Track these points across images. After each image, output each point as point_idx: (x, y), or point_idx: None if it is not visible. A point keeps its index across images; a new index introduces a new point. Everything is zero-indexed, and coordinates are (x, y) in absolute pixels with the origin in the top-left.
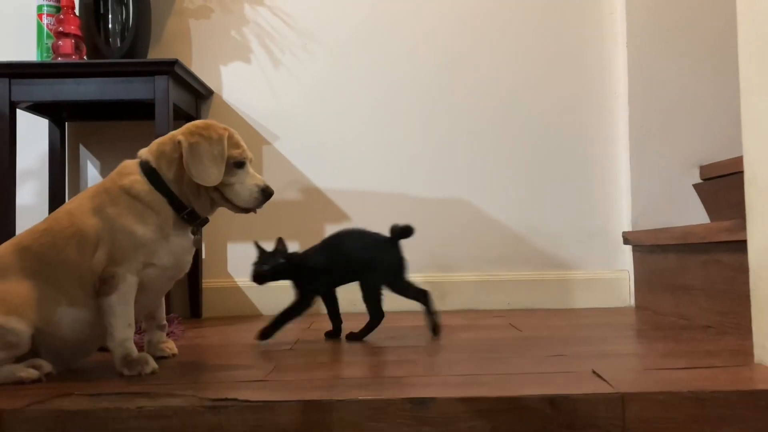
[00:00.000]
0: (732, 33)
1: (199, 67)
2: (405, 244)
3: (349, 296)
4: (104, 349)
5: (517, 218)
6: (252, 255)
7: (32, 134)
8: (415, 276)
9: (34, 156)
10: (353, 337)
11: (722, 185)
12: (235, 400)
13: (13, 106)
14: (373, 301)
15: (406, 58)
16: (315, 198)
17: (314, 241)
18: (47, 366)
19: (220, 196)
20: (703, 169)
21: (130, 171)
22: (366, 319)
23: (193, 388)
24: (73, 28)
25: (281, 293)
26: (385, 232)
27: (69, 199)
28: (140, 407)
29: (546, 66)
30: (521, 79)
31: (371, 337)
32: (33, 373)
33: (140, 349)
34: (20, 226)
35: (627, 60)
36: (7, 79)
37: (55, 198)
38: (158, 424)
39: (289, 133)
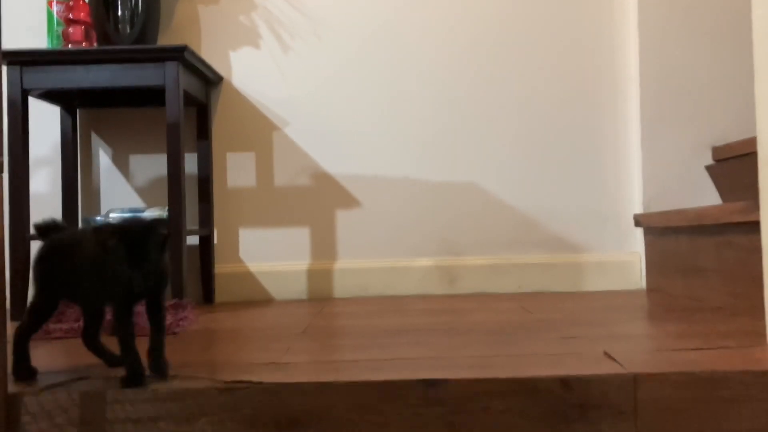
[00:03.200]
0: (746, 12)
1: (208, 53)
2: (417, 228)
3: (362, 282)
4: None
5: (528, 202)
6: (265, 240)
7: (44, 122)
8: (426, 260)
9: (46, 143)
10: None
11: (735, 166)
12: (249, 382)
13: (24, 94)
14: None
15: (417, 43)
16: (326, 184)
17: (326, 227)
18: None
19: None
20: (715, 150)
21: None
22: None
23: (207, 370)
24: (83, 15)
25: (293, 278)
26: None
27: (82, 185)
28: (155, 389)
29: (557, 49)
30: (532, 63)
31: (382, 321)
32: None
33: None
34: (34, 213)
35: (639, 41)
36: (18, 67)
37: (69, 185)
38: (173, 407)
39: (299, 118)
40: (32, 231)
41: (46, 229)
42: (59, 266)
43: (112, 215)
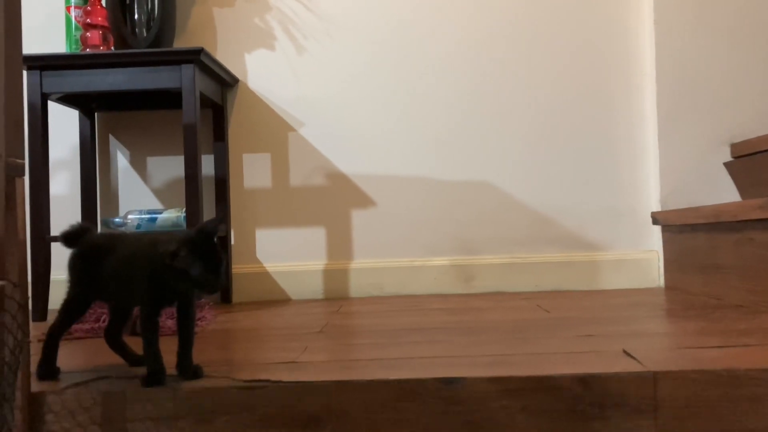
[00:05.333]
0: (764, 4)
1: (223, 56)
2: (432, 227)
3: (378, 281)
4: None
5: (543, 199)
6: (281, 241)
7: (63, 125)
8: (441, 259)
9: (65, 146)
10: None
11: (755, 163)
12: (268, 381)
13: (44, 98)
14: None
15: (430, 43)
16: (340, 183)
17: (341, 226)
18: None
19: None
20: (734, 147)
21: None
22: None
23: (226, 370)
24: (100, 20)
25: (309, 277)
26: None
27: (100, 187)
28: (175, 388)
29: (571, 45)
30: (546, 60)
31: (399, 320)
32: None
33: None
34: (54, 216)
35: (654, 36)
36: (38, 72)
37: (88, 187)
38: (192, 405)
39: (314, 119)
40: (60, 237)
41: (75, 235)
42: (95, 266)
43: (130, 216)
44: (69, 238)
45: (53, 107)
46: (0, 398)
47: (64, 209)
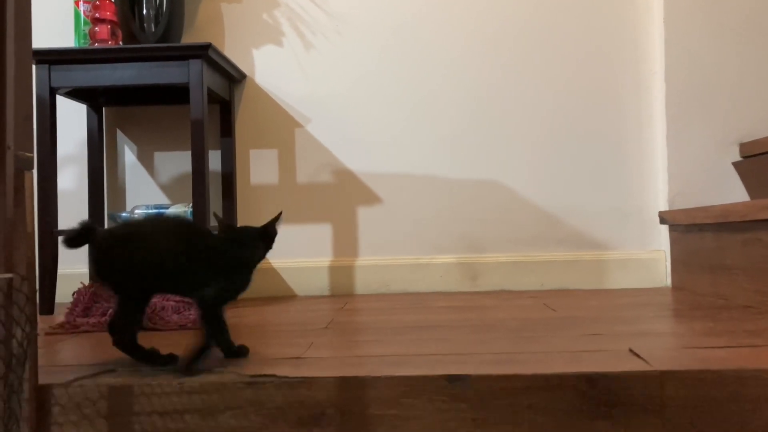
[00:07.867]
0: None
1: (231, 51)
2: (439, 225)
3: (384, 278)
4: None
5: (551, 198)
6: (287, 237)
7: (71, 120)
8: (448, 257)
9: (73, 141)
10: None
11: (764, 163)
12: (274, 376)
13: (52, 92)
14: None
15: (440, 41)
16: (347, 180)
17: (348, 223)
18: None
19: None
20: (743, 146)
21: None
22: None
23: (233, 364)
24: (108, 14)
25: (315, 274)
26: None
27: (108, 182)
28: (181, 383)
29: (580, 45)
30: (555, 59)
31: (405, 317)
32: None
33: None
34: (61, 210)
35: (664, 36)
36: (46, 66)
37: (95, 182)
38: (199, 399)
39: (321, 115)
40: (63, 240)
41: (79, 236)
42: (141, 256)
43: (137, 211)
44: (72, 239)
45: (61, 102)
46: (8, 390)
47: (72, 204)
